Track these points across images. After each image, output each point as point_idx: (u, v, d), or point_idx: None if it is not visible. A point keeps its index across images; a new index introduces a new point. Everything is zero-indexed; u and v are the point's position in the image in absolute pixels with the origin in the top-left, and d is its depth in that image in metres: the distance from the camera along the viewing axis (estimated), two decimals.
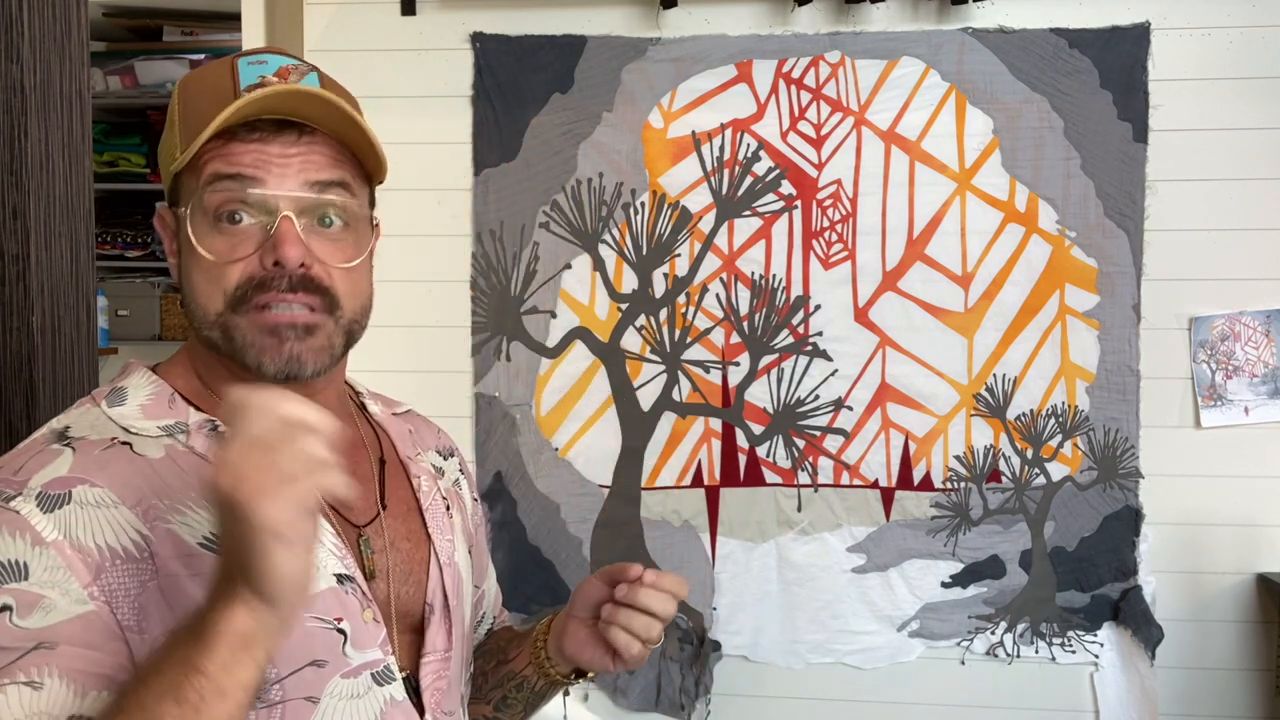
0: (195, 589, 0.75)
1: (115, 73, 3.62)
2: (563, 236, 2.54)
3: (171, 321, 4.03)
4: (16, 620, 0.70)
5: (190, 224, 0.82)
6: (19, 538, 0.73)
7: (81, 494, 0.76)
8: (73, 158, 1.03)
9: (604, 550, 2.55)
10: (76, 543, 0.74)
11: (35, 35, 0.95)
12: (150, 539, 0.76)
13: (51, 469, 0.77)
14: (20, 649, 0.70)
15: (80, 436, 0.80)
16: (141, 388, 0.86)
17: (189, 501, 0.79)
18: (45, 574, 0.72)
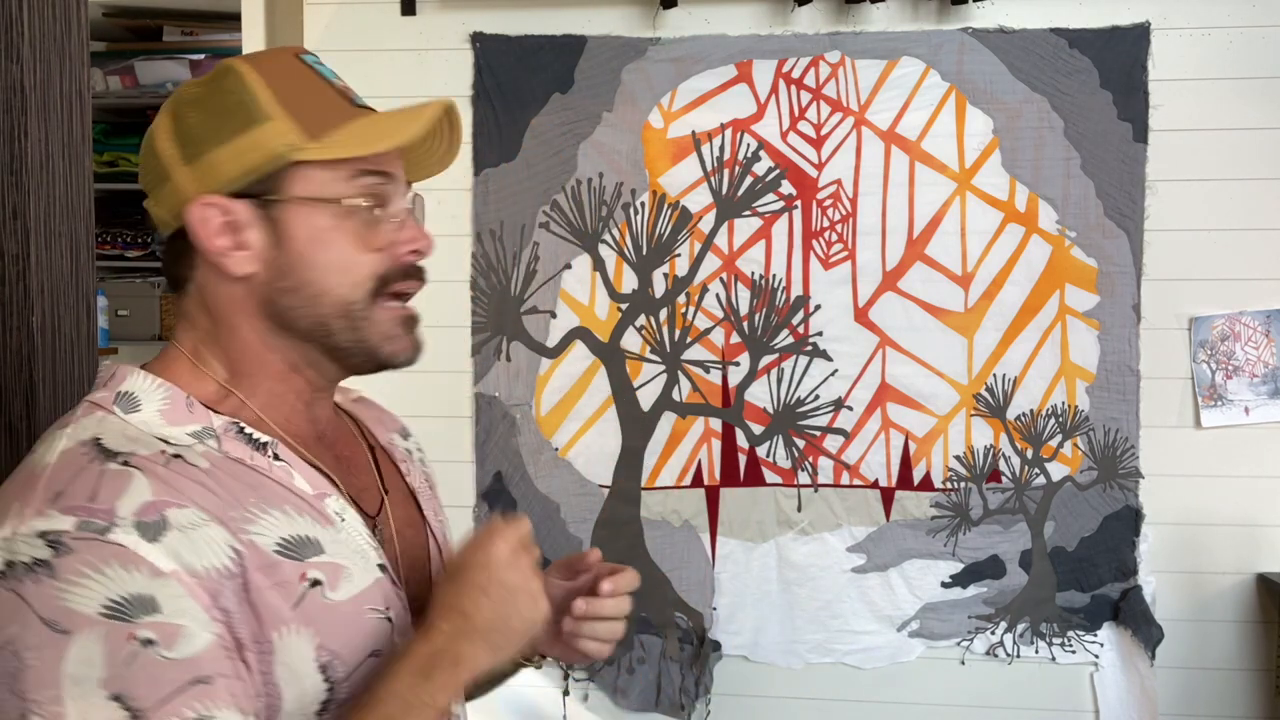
0: (277, 598, 0.76)
1: (115, 73, 3.62)
2: (563, 236, 2.54)
3: (171, 321, 4.02)
4: (165, 653, 0.69)
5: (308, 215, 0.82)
6: (134, 571, 0.71)
7: (175, 517, 0.74)
8: (73, 158, 1.02)
9: (604, 550, 2.53)
10: (191, 569, 0.73)
11: (35, 35, 0.95)
12: (242, 552, 0.76)
13: (133, 494, 0.73)
14: (177, 683, 0.69)
15: (129, 452, 0.76)
16: (151, 392, 0.81)
17: (251, 507, 0.78)
18: (173, 604, 0.71)
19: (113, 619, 0.69)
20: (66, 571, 0.70)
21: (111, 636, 0.69)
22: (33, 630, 0.69)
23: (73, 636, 0.69)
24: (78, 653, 0.68)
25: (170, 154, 0.81)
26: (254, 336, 0.84)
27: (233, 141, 0.80)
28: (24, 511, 0.73)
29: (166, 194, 0.82)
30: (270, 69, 0.83)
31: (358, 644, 0.80)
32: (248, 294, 0.82)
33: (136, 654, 0.69)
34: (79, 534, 0.71)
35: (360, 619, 0.81)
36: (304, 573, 0.78)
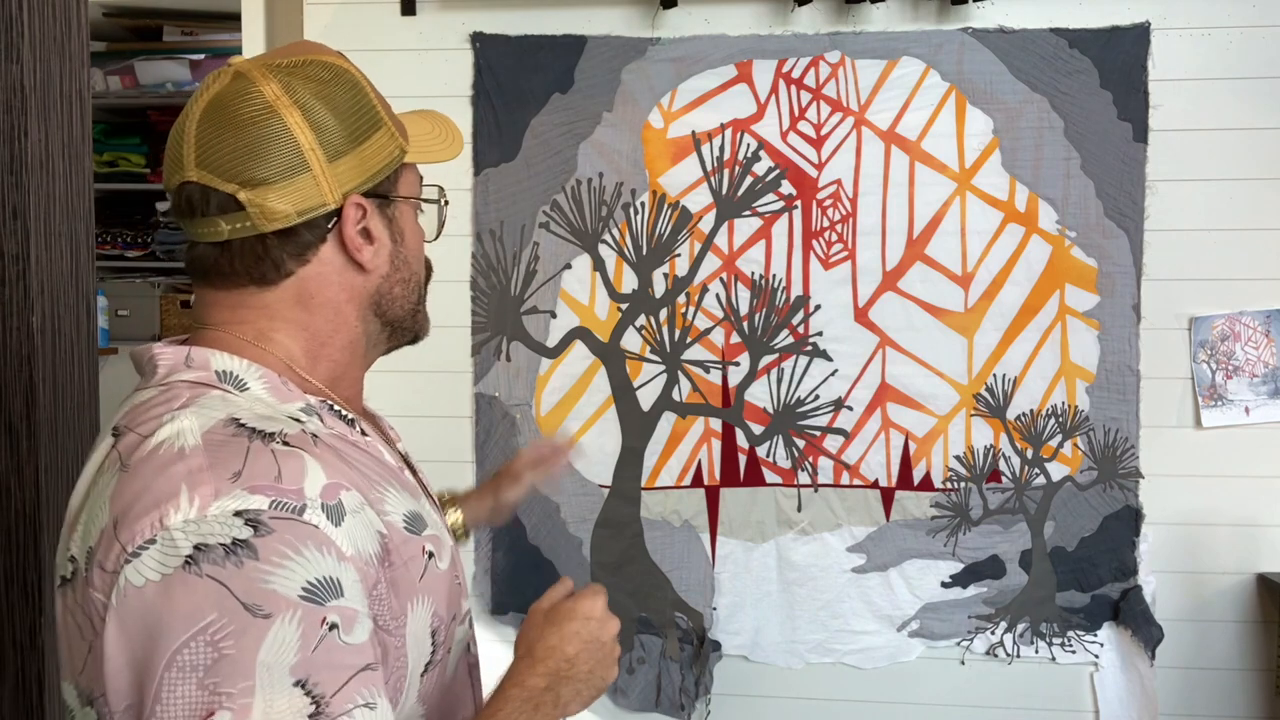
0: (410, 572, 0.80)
1: (115, 73, 3.62)
2: (563, 236, 2.54)
3: (171, 321, 4.03)
4: (344, 638, 0.70)
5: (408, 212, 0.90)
6: (327, 553, 0.71)
7: (347, 500, 0.75)
8: (73, 158, 1.02)
9: (604, 550, 2.55)
10: (362, 556, 0.75)
11: (35, 35, 0.95)
12: (385, 533, 0.78)
13: (312, 476, 0.74)
14: (353, 667, 0.70)
15: (279, 431, 0.76)
16: (247, 371, 0.82)
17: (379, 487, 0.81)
18: (352, 589, 0.72)
19: (308, 601, 0.69)
20: (270, 552, 0.69)
21: (308, 619, 0.68)
22: (230, 615, 0.67)
23: (273, 620, 0.67)
24: (274, 637, 0.67)
25: (311, 148, 0.81)
26: (354, 322, 0.88)
27: (365, 145, 0.84)
28: (200, 493, 0.70)
29: (300, 187, 0.81)
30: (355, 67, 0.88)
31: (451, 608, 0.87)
32: (365, 283, 0.87)
33: (324, 638, 0.69)
34: (276, 514, 0.70)
35: (452, 585, 0.87)
36: (423, 546, 0.83)
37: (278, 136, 0.80)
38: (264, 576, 0.68)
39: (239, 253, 0.82)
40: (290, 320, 0.85)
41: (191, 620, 0.67)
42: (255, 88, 0.81)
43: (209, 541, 0.68)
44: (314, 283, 0.85)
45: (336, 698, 0.68)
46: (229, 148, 0.80)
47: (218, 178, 0.80)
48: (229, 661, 0.66)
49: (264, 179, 0.80)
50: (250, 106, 0.80)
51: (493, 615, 2.57)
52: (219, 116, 0.80)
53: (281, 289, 0.84)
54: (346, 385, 0.90)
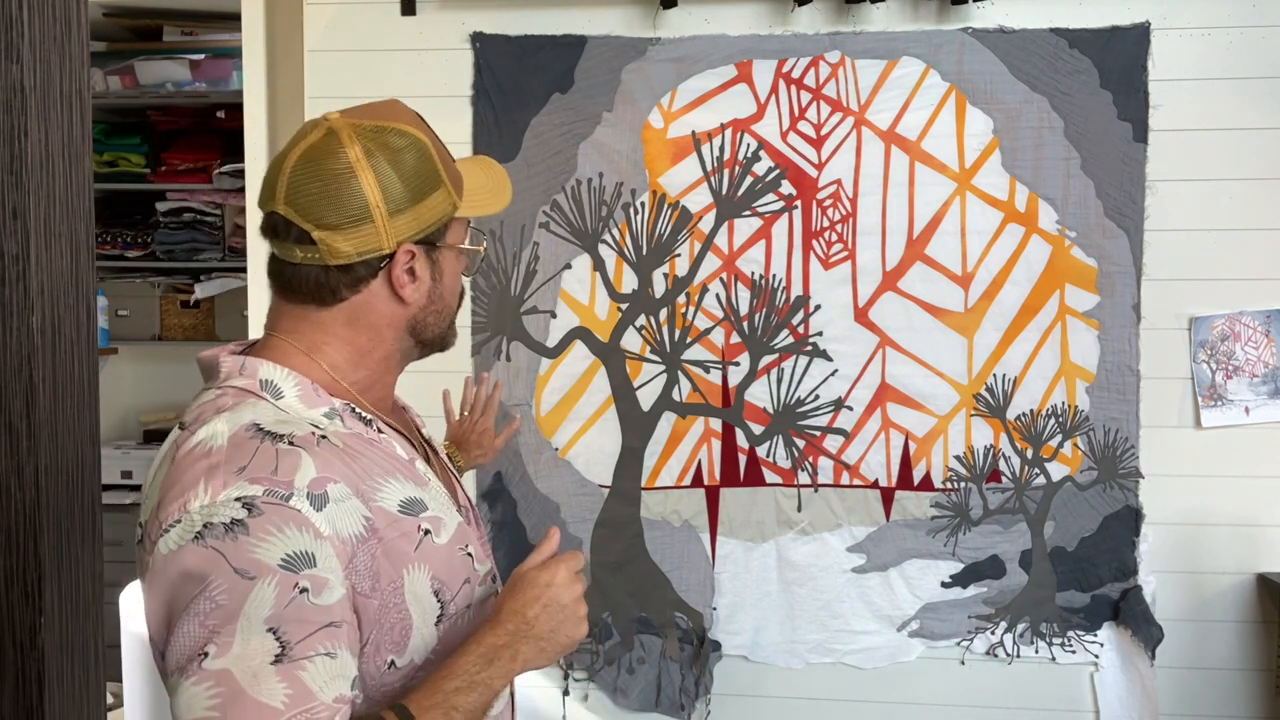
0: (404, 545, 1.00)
1: (115, 73, 3.62)
2: (563, 236, 2.54)
3: (171, 321, 4.03)
4: (313, 599, 0.90)
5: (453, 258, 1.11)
6: (304, 532, 0.91)
7: (333, 491, 0.95)
8: (73, 158, 1.02)
9: (604, 550, 2.55)
10: (339, 536, 0.94)
11: (35, 35, 0.95)
12: (370, 518, 0.97)
13: (304, 471, 0.94)
14: (318, 623, 0.89)
15: (288, 433, 0.96)
16: (285, 380, 1.02)
17: (377, 478, 1.00)
18: (325, 562, 0.92)
19: (285, 569, 0.89)
20: (258, 530, 0.90)
21: (283, 583, 0.89)
22: (224, 576, 0.88)
23: (256, 582, 0.88)
24: (256, 594, 0.88)
25: (378, 204, 1.01)
26: (391, 340, 1.09)
27: (422, 203, 1.05)
28: (213, 484, 0.92)
29: (363, 234, 1.01)
30: (430, 133, 1.08)
31: (456, 573, 1.05)
32: (403, 312, 1.08)
33: (294, 599, 0.88)
34: (267, 499, 0.91)
35: (454, 556, 1.06)
36: (419, 525, 1.02)
37: (352, 193, 1.01)
38: (252, 547, 0.89)
39: (305, 276, 1.04)
40: (339, 336, 1.06)
41: (199, 579, 0.89)
42: (342, 148, 1.01)
43: (214, 520, 0.90)
44: (362, 309, 1.06)
45: (300, 645, 0.88)
46: (312, 193, 1.01)
47: (299, 215, 1.01)
48: (222, 610, 0.87)
49: (335, 224, 1.01)
50: (336, 164, 1.01)
51: None
52: (309, 166, 1.01)
53: (335, 310, 1.05)
54: (379, 389, 1.11)
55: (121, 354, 4.07)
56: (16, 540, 1.06)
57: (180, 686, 0.87)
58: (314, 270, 1.03)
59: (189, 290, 3.91)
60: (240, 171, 3.02)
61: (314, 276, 1.03)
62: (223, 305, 4.01)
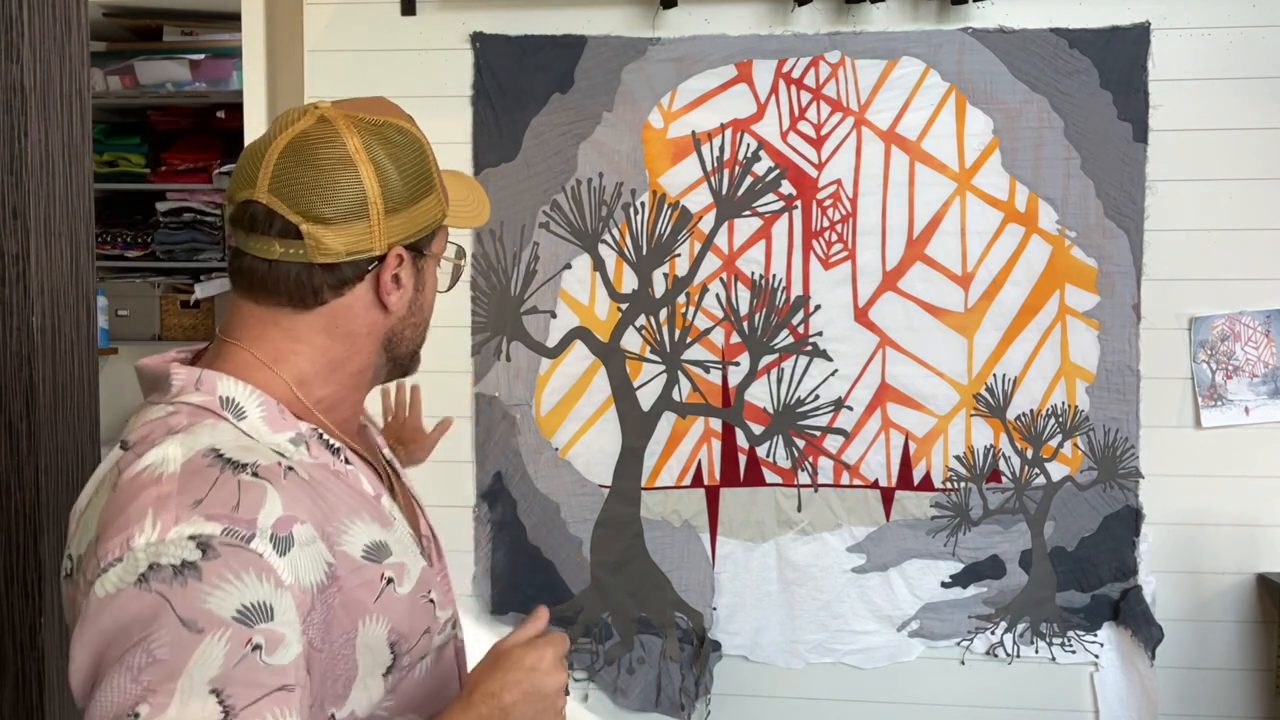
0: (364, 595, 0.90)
1: (115, 73, 3.62)
2: (563, 236, 2.54)
3: (171, 321, 4.03)
4: (266, 659, 0.77)
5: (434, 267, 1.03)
6: (265, 580, 0.79)
7: (299, 533, 0.84)
8: (73, 158, 1.02)
9: (604, 550, 2.55)
10: (301, 585, 0.83)
11: (35, 35, 0.95)
12: (333, 564, 0.87)
13: (269, 508, 0.82)
14: (268, 686, 0.77)
15: (252, 462, 0.85)
16: (249, 398, 0.91)
17: (343, 518, 0.90)
18: (283, 615, 0.80)
19: (239, 623, 0.77)
20: (211, 575, 0.77)
21: (234, 639, 0.76)
22: (168, 627, 0.75)
23: (204, 636, 0.76)
24: (202, 650, 0.75)
25: (375, 200, 0.92)
26: (367, 353, 0.99)
27: (417, 205, 0.96)
28: (163, 518, 0.79)
29: (355, 232, 0.92)
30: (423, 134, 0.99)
31: (416, 624, 0.96)
32: (384, 321, 0.98)
33: (245, 657, 0.76)
34: (225, 540, 0.79)
35: (416, 605, 0.96)
36: (382, 573, 0.92)
37: (349, 185, 0.91)
38: (203, 596, 0.77)
39: (284, 274, 0.92)
40: (312, 344, 0.95)
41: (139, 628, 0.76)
42: (340, 137, 0.91)
43: (161, 561, 0.77)
44: (343, 314, 0.95)
45: (246, 711, 0.75)
46: (303, 182, 0.90)
47: (286, 205, 0.90)
48: (161, 666, 0.74)
49: (326, 218, 0.90)
50: (332, 152, 0.91)
51: (493, 615, 2.57)
52: (301, 153, 0.91)
53: (313, 315, 0.94)
54: (346, 408, 1.00)
55: (121, 354, 4.07)
56: (16, 540, 1.06)
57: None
58: (295, 268, 0.91)
59: (189, 290, 3.90)
60: None
61: (294, 275, 0.92)
62: (222, 305, 4.01)
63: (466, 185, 1.09)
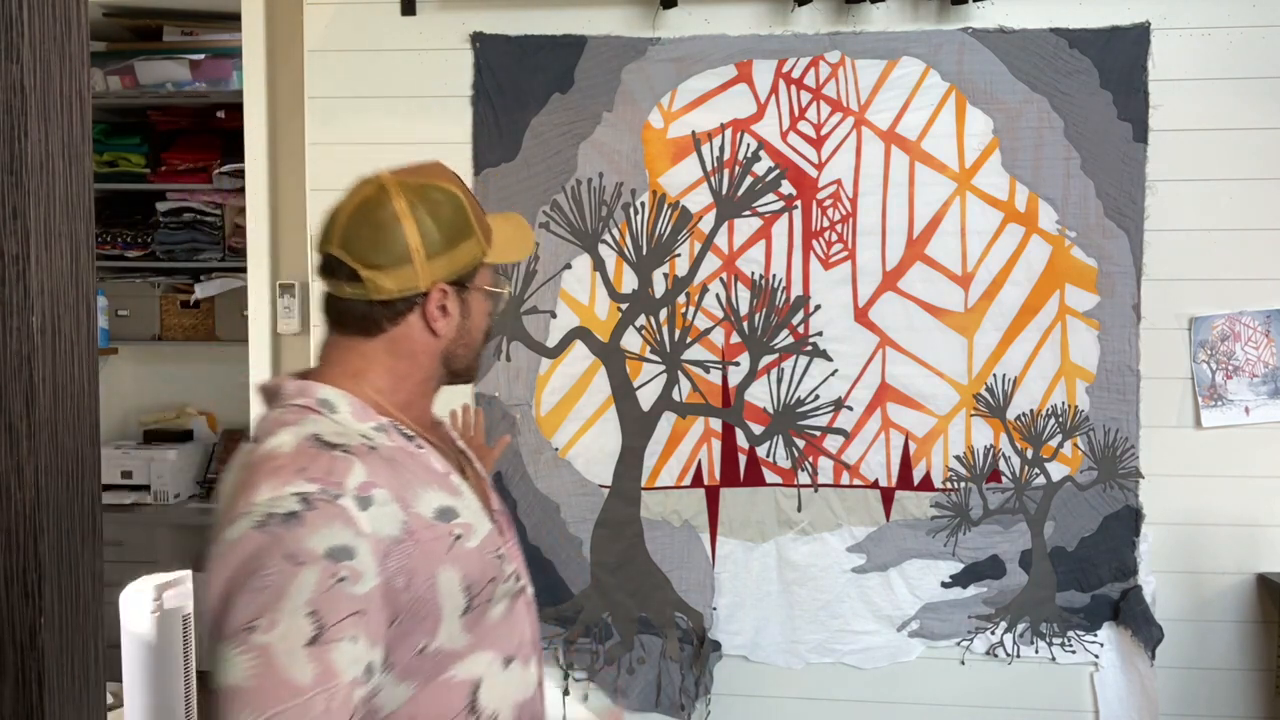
0: (437, 547, 1.11)
1: (115, 73, 3.62)
2: (563, 236, 2.54)
3: (171, 321, 4.03)
4: (348, 588, 1.01)
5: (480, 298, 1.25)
6: (348, 528, 1.03)
7: (376, 495, 1.07)
8: (73, 158, 1.02)
9: (604, 550, 2.55)
10: (377, 535, 1.05)
11: (35, 35, 0.95)
12: (408, 521, 1.09)
13: (354, 476, 1.06)
14: (348, 610, 1.00)
15: (344, 444, 1.09)
16: (339, 399, 1.16)
17: (416, 487, 1.13)
18: (362, 556, 1.03)
19: (328, 559, 1.00)
20: (310, 522, 1.01)
21: (324, 570, 1.00)
22: (276, 560, 0.99)
23: (302, 567, 0.99)
24: (300, 580, 0.99)
25: (417, 249, 1.16)
26: (426, 367, 1.23)
27: (456, 249, 1.19)
28: (277, 481, 1.04)
29: (403, 274, 1.16)
30: (463, 188, 1.22)
31: (484, 574, 1.17)
32: (436, 344, 1.21)
33: (331, 586, 1.00)
34: (320, 496, 1.03)
35: (484, 558, 1.17)
36: (451, 530, 1.13)
37: (396, 239, 1.15)
38: (303, 537, 1.00)
39: (353, 310, 1.18)
40: (381, 363, 1.20)
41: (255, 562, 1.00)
42: (390, 201, 1.16)
43: (275, 511, 1.02)
44: (400, 339, 1.20)
45: (332, 628, 0.99)
46: (363, 239, 1.16)
47: (350, 257, 1.16)
48: (271, 590, 0.99)
49: (380, 264, 1.15)
50: (383, 213, 1.16)
51: None
52: (362, 215, 1.17)
53: (377, 340, 1.19)
54: (417, 409, 1.24)
55: (121, 354, 4.08)
56: (16, 540, 1.05)
57: (226, 653, 0.99)
58: (360, 304, 1.17)
59: (189, 290, 3.91)
60: (240, 171, 3.02)
61: (360, 310, 1.18)
62: (223, 305, 4.01)
63: (514, 224, 1.31)
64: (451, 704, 1.12)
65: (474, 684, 1.15)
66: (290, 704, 0.96)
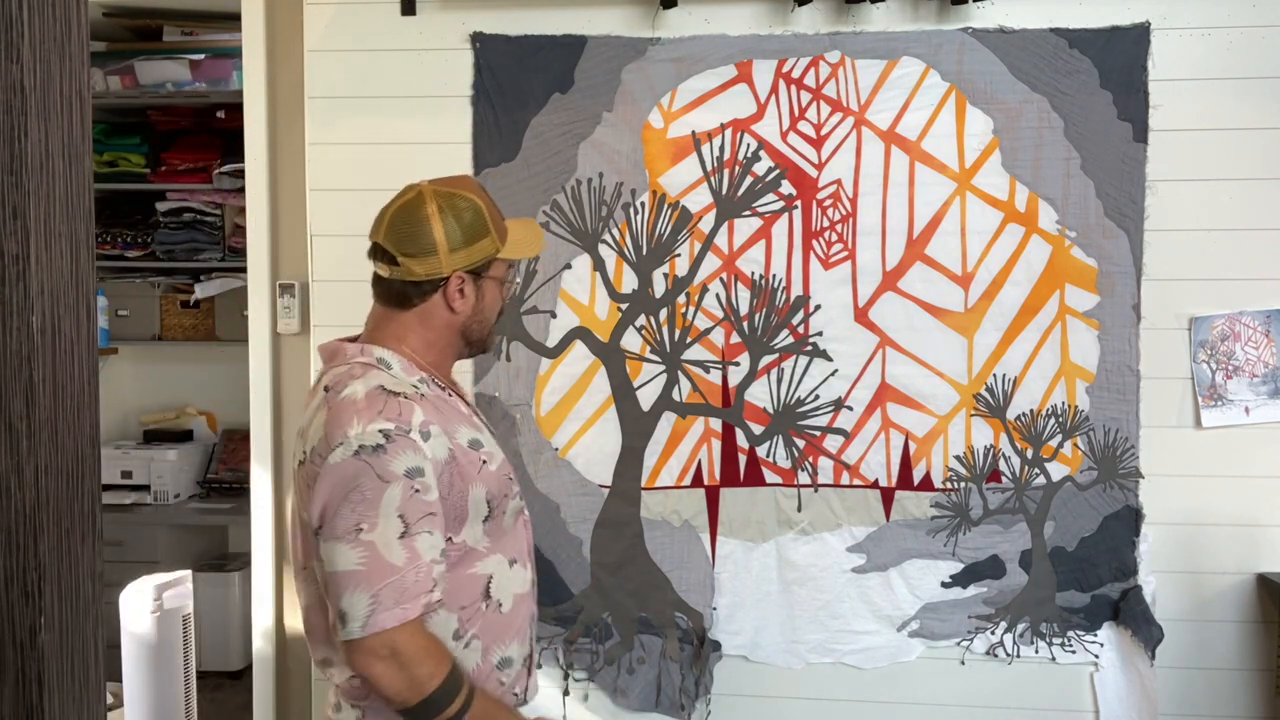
0: (470, 469, 1.47)
1: (115, 73, 3.62)
2: (563, 236, 2.54)
3: (171, 321, 4.03)
4: (423, 497, 1.39)
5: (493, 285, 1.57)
6: (417, 454, 1.39)
7: (433, 430, 1.43)
8: (73, 158, 1.02)
9: (604, 550, 2.55)
10: (435, 459, 1.42)
11: (35, 35, 0.95)
12: (452, 449, 1.45)
13: (417, 416, 1.41)
14: (424, 512, 1.39)
15: (403, 392, 1.44)
16: (391, 358, 1.50)
17: (455, 424, 1.49)
18: (429, 474, 1.40)
19: (407, 477, 1.38)
20: (392, 450, 1.37)
21: (406, 485, 1.37)
22: (370, 480, 1.36)
23: (390, 484, 1.37)
24: (389, 493, 1.36)
25: (441, 243, 1.49)
26: (448, 337, 1.57)
27: (474, 245, 1.52)
28: (362, 421, 1.39)
29: (430, 262, 1.49)
30: (485, 198, 1.55)
31: (500, 491, 1.53)
32: (455, 319, 1.55)
33: (412, 495, 1.38)
34: (396, 432, 1.39)
35: (501, 478, 1.54)
36: (480, 456, 1.50)
37: (426, 234, 1.49)
38: (388, 462, 1.37)
39: (392, 287, 1.52)
40: (414, 330, 1.53)
41: (354, 480, 1.37)
42: (425, 205, 1.50)
43: (365, 443, 1.37)
44: (427, 313, 1.53)
45: (415, 525, 1.38)
46: (400, 233, 1.50)
47: (392, 245, 1.50)
48: (368, 502, 1.36)
49: (412, 254, 1.49)
50: (418, 214, 1.50)
51: None
52: (402, 214, 1.50)
53: (410, 313, 1.53)
54: (443, 369, 1.58)
55: (121, 354, 4.08)
56: (16, 540, 1.06)
57: (338, 548, 1.37)
58: (397, 283, 1.51)
59: (189, 290, 3.91)
60: (240, 171, 3.02)
61: (397, 288, 1.51)
62: (223, 305, 4.01)
63: (527, 227, 1.64)
64: (473, 590, 1.49)
65: (488, 578, 1.51)
66: (391, 579, 1.35)
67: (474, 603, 1.49)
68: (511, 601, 1.53)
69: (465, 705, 1.40)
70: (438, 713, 1.39)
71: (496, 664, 1.52)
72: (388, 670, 1.36)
